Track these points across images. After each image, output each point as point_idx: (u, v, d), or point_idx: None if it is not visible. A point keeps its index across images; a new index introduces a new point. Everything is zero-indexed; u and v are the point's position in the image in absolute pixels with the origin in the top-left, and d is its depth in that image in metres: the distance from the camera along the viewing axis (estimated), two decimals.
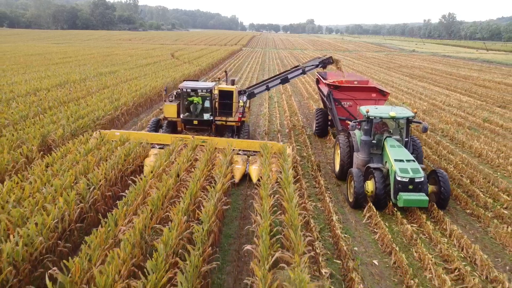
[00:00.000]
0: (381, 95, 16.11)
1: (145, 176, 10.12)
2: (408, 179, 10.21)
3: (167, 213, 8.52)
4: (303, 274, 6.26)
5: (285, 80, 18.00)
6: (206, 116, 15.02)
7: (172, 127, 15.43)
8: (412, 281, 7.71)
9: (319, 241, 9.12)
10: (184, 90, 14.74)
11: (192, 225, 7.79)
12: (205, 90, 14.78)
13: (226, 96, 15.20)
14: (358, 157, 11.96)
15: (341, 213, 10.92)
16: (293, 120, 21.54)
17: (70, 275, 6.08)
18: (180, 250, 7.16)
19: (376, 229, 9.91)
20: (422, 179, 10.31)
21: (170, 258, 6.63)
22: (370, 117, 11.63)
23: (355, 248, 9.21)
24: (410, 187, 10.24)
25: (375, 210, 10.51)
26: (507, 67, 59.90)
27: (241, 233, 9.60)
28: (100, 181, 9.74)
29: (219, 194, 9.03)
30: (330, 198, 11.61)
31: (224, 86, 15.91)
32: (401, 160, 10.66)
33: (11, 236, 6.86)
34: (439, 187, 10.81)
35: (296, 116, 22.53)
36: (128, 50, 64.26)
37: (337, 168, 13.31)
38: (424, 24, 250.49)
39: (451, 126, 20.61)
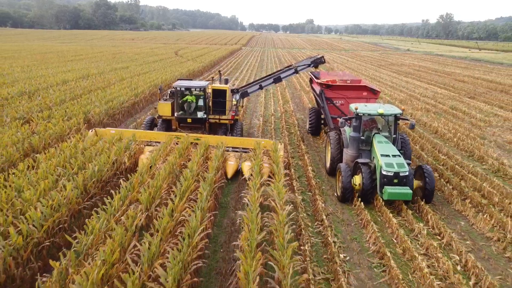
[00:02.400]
0: (372, 94, 16.32)
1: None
2: (393, 173, 10.57)
3: (188, 157, 12.05)
4: (280, 186, 9.79)
5: (277, 80, 18.06)
6: (200, 114, 15.29)
7: (167, 125, 15.72)
8: (358, 201, 11.24)
9: (296, 181, 12.69)
10: (178, 89, 14.95)
11: (207, 163, 11.31)
12: (198, 89, 15.02)
13: (219, 94, 15.50)
14: (347, 153, 12.37)
15: (316, 167, 14.46)
16: (285, 107, 25.07)
17: (131, 183, 9.60)
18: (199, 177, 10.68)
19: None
20: (407, 173, 10.63)
21: (194, 177, 10.15)
22: (359, 114, 11.99)
23: (323, 187, 12.74)
24: (395, 181, 10.58)
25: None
26: (492, 65, 63.43)
27: (240, 180, 13.12)
28: (136, 141, 13.28)
29: (224, 147, 12.55)
30: (309, 158, 15.12)
31: (217, 85, 16.33)
32: (387, 155, 11.00)
33: (89, 165, 10.36)
34: (424, 182, 11.19)
35: (288, 104, 26.07)
36: (134, 49, 67.74)
37: (328, 164, 13.73)
38: (422, 24, 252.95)
39: (420, 111, 24.16)
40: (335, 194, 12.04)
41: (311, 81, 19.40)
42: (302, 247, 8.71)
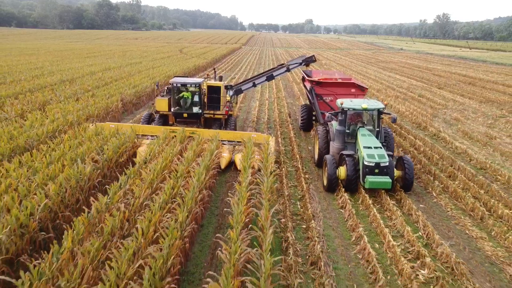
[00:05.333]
0: (360, 90, 17.10)
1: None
2: (374, 163, 11.27)
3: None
4: (267, 136, 14.47)
5: (270, 77, 18.70)
6: (195, 109, 15.96)
7: (164, 120, 16.41)
8: None
9: (281, 139, 17.39)
10: (175, 85, 15.66)
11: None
12: (194, 85, 15.67)
13: (214, 91, 16.34)
14: (334, 146, 13.02)
15: (297, 131, 19.15)
16: (278, 94, 29.79)
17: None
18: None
19: None
20: (387, 163, 11.33)
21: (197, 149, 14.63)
22: (344, 109, 12.69)
23: (301, 144, 17.41)
24: (376, 171, 11.27)
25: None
26: (475, 62, 67.89)
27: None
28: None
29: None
30: (293, 129, 19.78)
31: (212, 82, 17.30)
32: (369, 147, 11.71)
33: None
34: (404, 172, 11.90)
35: (281, 92, 30.84)
36: (140, 47, 72.36)
37: (316, 156, 14.49)
38: (420, 24, 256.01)
39: (390, 97, 28.86)
40: (322, 184, 12.80)
41: (303, 79, 20.21)
42: (280, 172, 13.40)
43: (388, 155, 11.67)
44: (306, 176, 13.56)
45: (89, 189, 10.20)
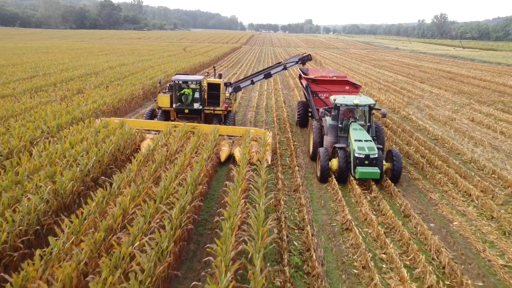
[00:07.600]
0: (354, 88, 17.95)
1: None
2: (364, 155, 11.98)
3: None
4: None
5: (268, 75, 19.29)
6: (196, 105, 16.71)
7: (166, 116, 16.97)
8: None
9: (277, 124, 21.20)
10: (176, 82, 16.34)
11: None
12: (195, 82, 16.37)
13: (214, 88, 17.01)
14: (327, 139, 13.80)
15: (293, 124, 22.83)
16: (275, 87, 33.59)
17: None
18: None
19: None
20: (376, 155, 12.04)
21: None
22: (337, 105, 13.39)
23: (293, 127, 21.17)
24: (366, 162, 11.99)
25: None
26: (463, 60, 71.47)
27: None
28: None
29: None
30: (286, 110, 23.55)
31: (212, 79, 18.08)
32: (360, 140, 12.43)
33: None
34: (392, 164, 12.58)
35: (278, 85, 34.64)
36: (145, 46, 76.16)
37: (311, 150, 15.20)
38: (418, 24, 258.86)
39: (374, 89, 32.67)
40: (316, 175, 13.54)
41: (300, 76, 20.83)
42: (275, 146, 17.19)
43: (378, 148, 12.48)
44: (295, 143, 17.36)
45: (134, 144, 14.02)
